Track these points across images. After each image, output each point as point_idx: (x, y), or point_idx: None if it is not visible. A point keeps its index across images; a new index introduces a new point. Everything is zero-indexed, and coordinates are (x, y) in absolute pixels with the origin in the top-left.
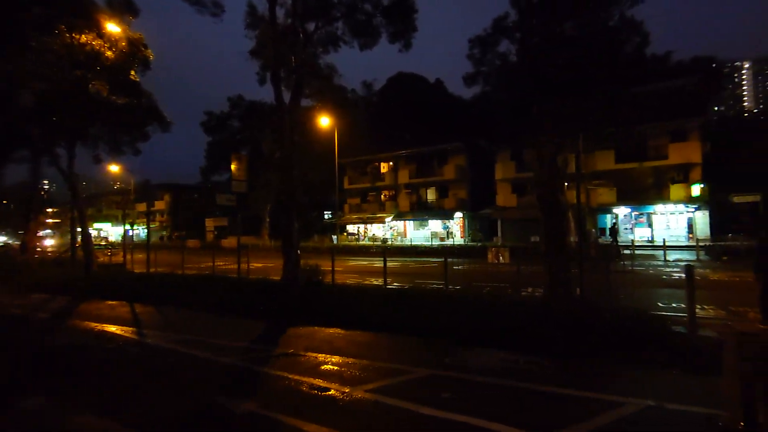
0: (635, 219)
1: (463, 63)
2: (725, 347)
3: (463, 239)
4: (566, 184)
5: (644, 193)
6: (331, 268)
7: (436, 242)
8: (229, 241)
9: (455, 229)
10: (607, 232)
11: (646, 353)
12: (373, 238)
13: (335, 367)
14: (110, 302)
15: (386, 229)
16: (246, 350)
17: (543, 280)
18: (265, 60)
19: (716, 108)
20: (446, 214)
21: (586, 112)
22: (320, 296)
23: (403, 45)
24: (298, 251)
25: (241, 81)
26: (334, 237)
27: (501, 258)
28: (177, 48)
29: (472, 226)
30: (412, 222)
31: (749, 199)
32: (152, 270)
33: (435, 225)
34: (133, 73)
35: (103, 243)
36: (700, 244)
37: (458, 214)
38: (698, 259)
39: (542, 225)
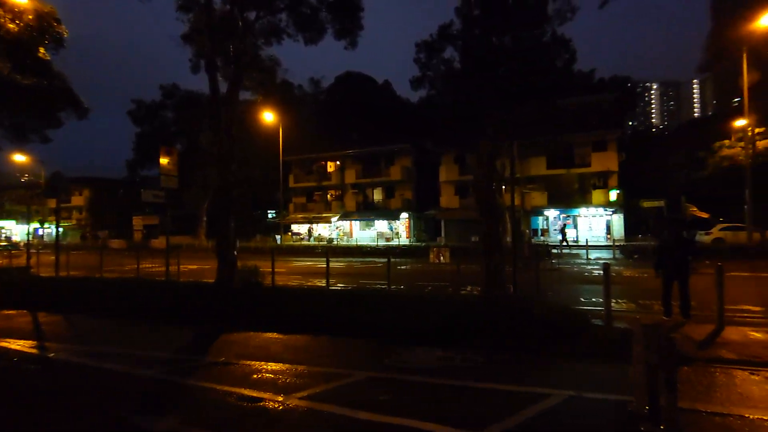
0: (563, 221)
1: (410, 66)
2: (634, 338)
3: (408, 239)
4: (504, 187)
5: (571, 197)
6: (271, 269)
7: (381, 242)
8: (160, 241)
9: (401, 229)
10: (553, 233)
11: (569, 345)
12: (319, 238)
13: (270, 375)
14: (6, 311)
15: (332, 229)
16: (171, 361)
17: (481, 278)
18: (199, 46)
19: (630, 123)
20: (392, 215)
21: (522, 119)
22: (258, 299)
23: (349, 42)
24: (235, 251)
25: (175, 68)
26: (278, 237)
27: (442, 258)
28: (105, 29)
29: (417, 227)
30: (358, 222)
31: (655, 204)
32: (64, 274)
33: (381, 225)
34: (42, 50)
35: (2, 243)
36: (616, 244)
37: (404, 215)
38: (614, 258)
39: (481, 226)
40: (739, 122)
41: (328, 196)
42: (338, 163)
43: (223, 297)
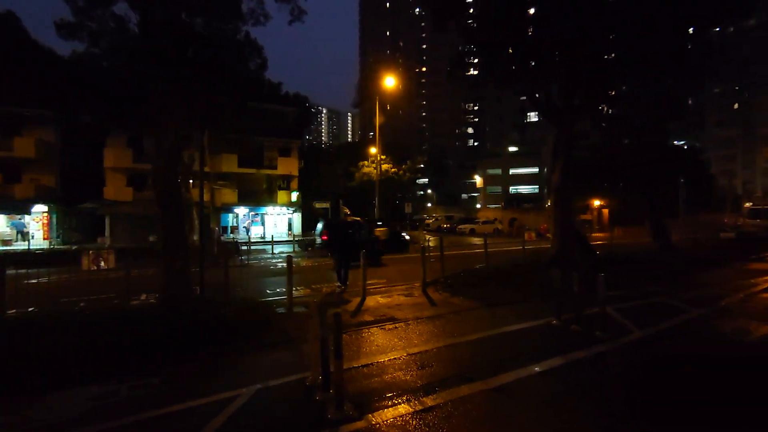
0: (252, 218)
1: (60, 5)
2: (311, 319)
3: (48, 241)
4: (191, 181)
5: (260, 195)
6: None
7: None
8: None
9: (34, 227)
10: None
11: (257, 339)
12: None
13: None
14: None
15: None
16: None
17: (161, 283)
18: None
19: (307, 137)
20: (18, 207)
21: (214, 111)
22: None
23: None
24: None
25: None
26: None
27: (103, 263)
28: None
29: (64, 224)
30: None
31: (324, 205)
32: None
33: None
34: None
35: None
36: (296, 239)
37: (40, 207)
38: (294, 251)
39: (161, 222)
40: (373, 150)
41: None
42: None
43: None
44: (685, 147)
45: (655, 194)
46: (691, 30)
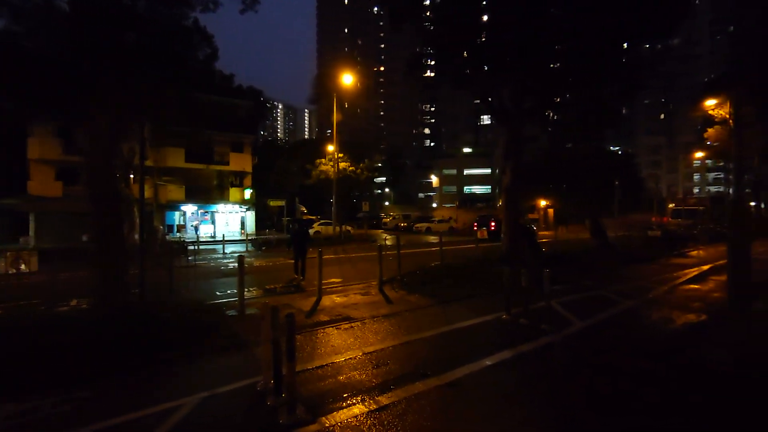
0: (201, 216)
1: None
2: (263, 321)
3: None
4: (132, 176)
5: (210, 192)
6: None
7: None
8: None
9: None
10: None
11: (205, 343)
12: None
13: None
14: None
15: None
16: None
17: (94, 287)
18: None
19: (262, 132)
20: None
21: (157, 101)
22: None
23: None
24: None
25: None
26: None
27: (24, 266)
28: None
29: None
30: None
31: (279, 203)
32: None
33: None
34: None
35: None
36: (249, 238)
37: None
38: (247, 251)
39: (94, 219)
40: (331, 148)
41: None
42: None
43: None
44: (620, 152)
45: (594, 195)
46: (625, 45)
